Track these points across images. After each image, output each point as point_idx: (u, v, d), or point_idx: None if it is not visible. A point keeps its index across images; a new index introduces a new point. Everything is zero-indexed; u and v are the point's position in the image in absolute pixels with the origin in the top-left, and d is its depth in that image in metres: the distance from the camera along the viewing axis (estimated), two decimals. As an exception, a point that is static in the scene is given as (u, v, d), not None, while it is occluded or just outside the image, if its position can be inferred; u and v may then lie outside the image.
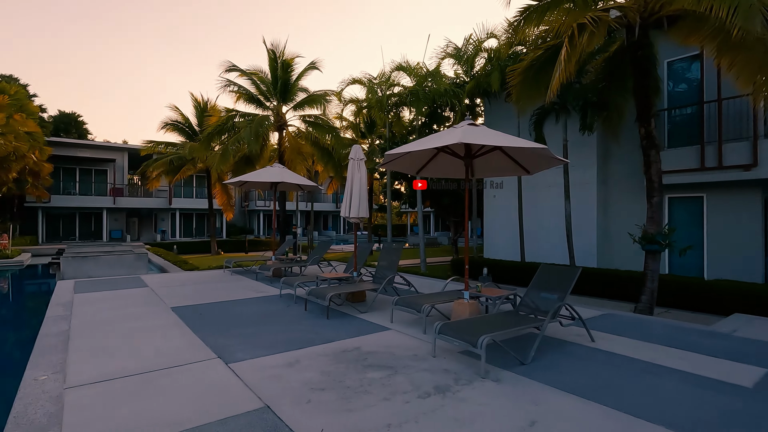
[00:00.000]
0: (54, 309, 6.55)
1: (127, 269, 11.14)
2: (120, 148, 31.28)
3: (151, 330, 5.32)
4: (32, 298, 11.04)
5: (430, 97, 10.76)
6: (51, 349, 4.55)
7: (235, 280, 9.59)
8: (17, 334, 7.80)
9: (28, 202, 26.93)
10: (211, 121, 15.97)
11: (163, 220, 33.36)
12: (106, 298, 7.44)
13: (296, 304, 6.88)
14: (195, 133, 20.33)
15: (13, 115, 16.72)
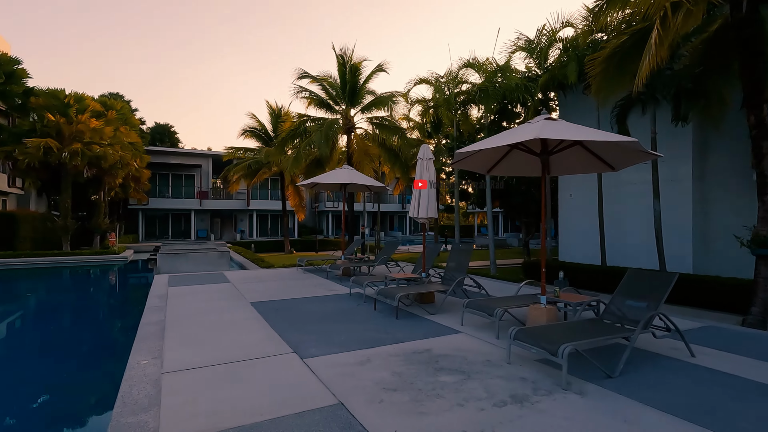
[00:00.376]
0: (152, 300, 7.28)
1: (211, 266, 12.10)
2: (205, 155, 34.12)
3: (233, 323, 5.69)
4: (135, 289, 12.39)
5: (500, 93, 10.36)
6: (150, 337, 5.04)
7: (307, 278, 9.99)
8: (124, 320, 8.79)
9: (131, 205, 30.39)
10: (284, 127, 16.83)
11: (242, 220, 35.84)
12: (194, 291, 8.11)
13: (366, 303, 6.98)
14: (270, 138, 21.56)
15: (119, 128, 18.94)
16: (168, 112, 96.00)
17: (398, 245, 11.19)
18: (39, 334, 7.76)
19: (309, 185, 10.75)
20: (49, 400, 4.91)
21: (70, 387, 5.29)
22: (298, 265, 11.61)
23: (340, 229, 40.59)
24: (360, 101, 15.59)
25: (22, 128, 16.79)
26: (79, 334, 7.79)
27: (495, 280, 9.79)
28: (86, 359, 6.41)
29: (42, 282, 13.62)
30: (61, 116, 16.76)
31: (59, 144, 16.28)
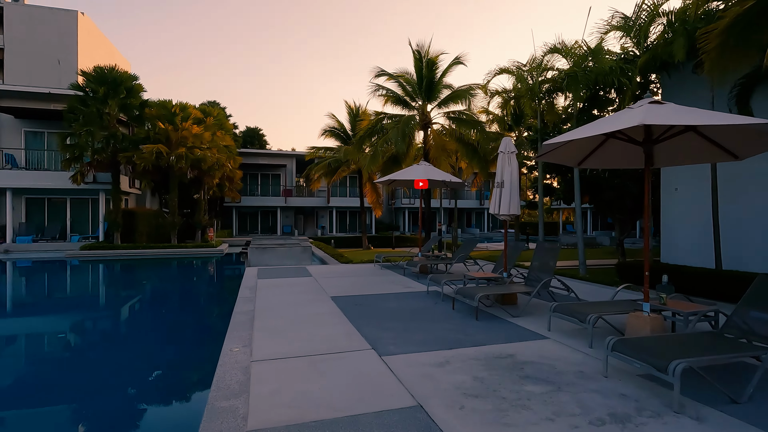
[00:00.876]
0: (243, 291, 7.84)
1: (295, 260, 12.77)
2: (289, 155, 36.22)
3: (315, 316, 5.90)
4: (230, 279, 13.52)
5: (591, 79, 9.44)
6: (241, 326, 5.41)
7: (384, 275, 10.07)
8: (220, 308, 9.63)
9: (226, 203, 33.33)
10: (362, 125, 17.18)
11: (323, 216, 37.48)
12: (280, 284, 8.59)
13: (443, 302, 6.82)
14: (349, 137, 22.18)
15: (216, 133, 20.79)
16: (257, 116, 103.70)
17: (476, 243, 10.81)
18: (152, 316, 8.82)
19: (386, 182, 10.81)
20: (157, 376, 5.51)
21: (174, 364, 5.89)
22: (376, 262, 11.77)
23: (416, 225, 40.62)
24: (437, 96, 15.34)
25: (138, 136, 19.19)
26: (183, 317, 8.68)
27: (585, 282, 9.02)
28: (189, 340, 7.09)
29: (154, 271, 15.45)
30: (169, 124, 18.85)
31: (168, 149, 18.32)
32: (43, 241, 20.12)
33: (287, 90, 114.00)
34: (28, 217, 21.01)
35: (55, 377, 5.43)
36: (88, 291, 12.21)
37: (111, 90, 17.75)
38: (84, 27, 32.39)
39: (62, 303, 10.37)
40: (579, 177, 10.45)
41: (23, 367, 5.98)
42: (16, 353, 6.67)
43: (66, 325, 8.36)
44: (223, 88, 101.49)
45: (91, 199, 21.56)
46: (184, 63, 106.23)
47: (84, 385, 5.13)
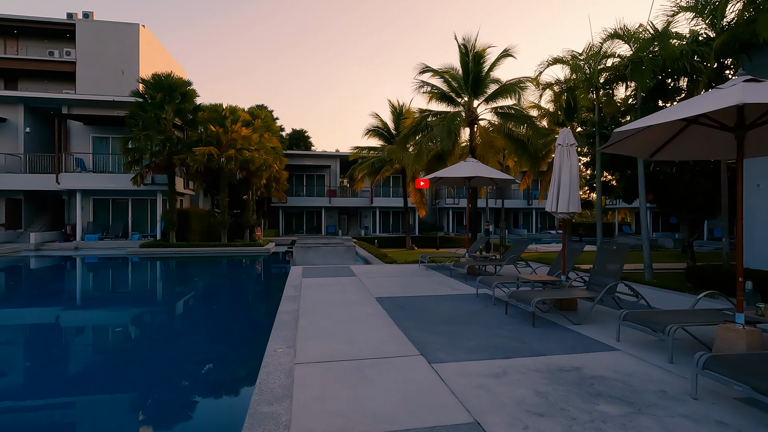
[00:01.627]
0: (288, 290, 7.81)
1: (339, 259, 12.73)
2: (333, 156, 36.65)
3: (359, 317, 5.70)
4: (276, 278, 13.72)
5: (659, 64, 8.58)
6: (285, 325, 5.30)
7: (430, 275, 9.74)
8: (266, 306, 9.72)
9: (273, 203, 34.25)
10: (406, 123, 16.92)
11: (366, 217, 37.61)
12: (324, 284, 8.50)
13: (495, 305, 6.41)
14: (392, 136, 22.01)
15: (263, 135, 21.34)
16: (303, 119, 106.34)
17: (527, 244, 10.21)
18: (199, 313, 9.02)
19: (433, 180, 10.48)
20: (201, 375, 5.53)
21: (219, 362, 5.90)
22: (421, 262, 11.46)
23: (460, 225, 39.77)
24: (483, 91, 14.79)
25: (192, 139, 20.07)
26: (230, 315, 8.80)
27: (653, 287, 8.22)
28: (235, 338, 7.13)
29: (204, 269, 16.01)
30: (219, 127, 19.55)
31: (218, 151, 19.00)
32: (108, 239, 21.55)
33: (332, 92, 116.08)
34: (95, 217, 22.58)
35: (98, 371, 5.60)
36: (143, 287, 12.82)
37: (167, 95, 18.66)
38: (145, 39, 34.50)
39: (117, 298, 10.90)
40: (644, 172, 9.57)
41: (53, 358, 6.25)
42: (56, 344, 7.02)
43: (117, 320, 8.69)
44: (271, 93, 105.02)
45: (150, 199, 22.82)
46: (234, 70, 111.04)
47: (125, 383, 5.23)
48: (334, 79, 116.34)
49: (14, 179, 20.95)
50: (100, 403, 4.65)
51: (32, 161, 21.91)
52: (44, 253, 19.13)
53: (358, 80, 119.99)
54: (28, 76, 33.52)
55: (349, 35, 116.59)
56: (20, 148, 22.07)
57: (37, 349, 6.60)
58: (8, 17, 32.64)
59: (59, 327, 8.11)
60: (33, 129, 22.82)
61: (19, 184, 21.01)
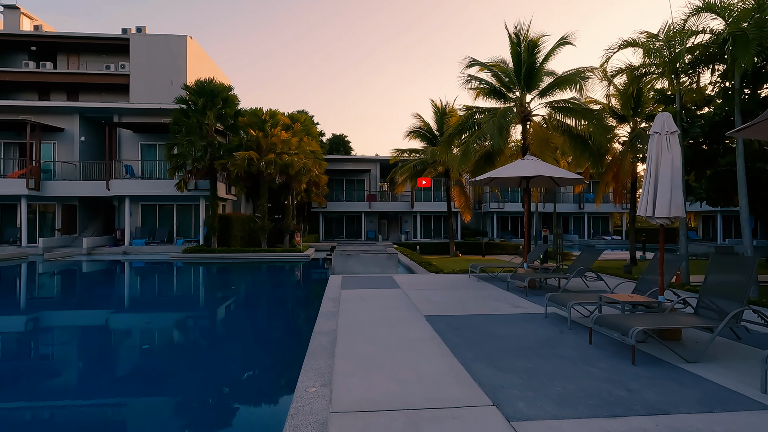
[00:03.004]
0: (326, 304, 7.00)
1: (381, 268, 11.89)
2: (373, 160, 36.07)
3: (407, 342, 4.77)
4: (314, 285, 13.07)
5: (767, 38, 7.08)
6: (321, 351, 4.46)
7: (482, 288, 8.65)
8: (300, 321, 9.01)
9: (313, 208, 34.09)
10: (451, 122, 15.89)
11: (406, 221, 36.69)
12: (365, 296, 7.64)
13: (572, 331, 5.27)
14: (435, 137, 21.00)
15: (303, 138, 20.99)
16: (343, 124, 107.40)
17: (598, 253, 8.88)
18: (229, 329, 8.38)
19: (485, 181, 9.40)
20: (227, 393, 4.79)
21: (242, 397, 5.15)
22: (471, 272, 10.36)
23: (505, 231, 37.89)
24: (537, 84, 13.50)
25: (232, 144, 20.04)
26: (260, 331, 8.10)
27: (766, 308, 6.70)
28: (263, 362, 6.40)
29: (242, 276, 15.69)
30: (259, 131, 19.38)
31: (258, 155, 18.80)
32: (154, 243, 21.96)
33: (372, 97, 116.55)
34: (143, 222, 23.13)
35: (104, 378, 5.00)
36: (177, 295, 12.55)
37: (209, 101, 18.71)
38: (192, 50, 35.58)
39: (147, 304, 10.61)
40: (744, 168, 7.99)
41: (81, 358, 5.73)
42: (88, 346, 6.56)
43: (136, 327, 8.31)
44: (311, 99, 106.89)
45: (194, 205, 23.11)
46: (274, 77, 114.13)
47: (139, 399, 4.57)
48: (375, 84, 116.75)
49: (69, 186, 21.83)
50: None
51: (86, 169, 22.80)
52: (94, 257, 19.67)
53: (398, 84, 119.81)
54: (88, 90, 35.39)
55: (388, 40, 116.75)
56: (75, 156, 23.03)
57: (66, 353, 6.34)
58: (72, 35, 34.71)
59: (91, 329, 7.94)
60: (87, 138, 23.80)
61: (73, 190, 21.87)
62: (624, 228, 38.79)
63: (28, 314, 9.53)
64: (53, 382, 5.36)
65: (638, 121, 17.18)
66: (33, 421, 4.36)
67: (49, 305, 10.56)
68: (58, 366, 6.10)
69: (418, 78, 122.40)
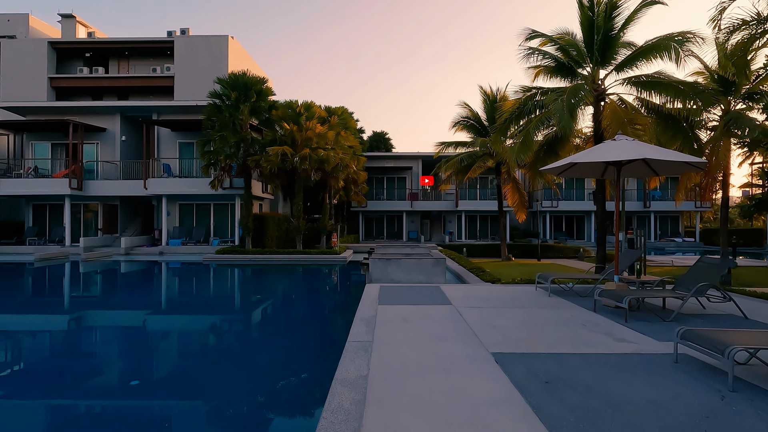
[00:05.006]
0: (357, 328, 5.37)
1: (426, 275, 10.14)
2: (415, 157, 34.30)
3: (478, 413, 3.02)
4: (346, 299, 11.55)
5: None
6: (340, 426, 2.82)
7: (559, 307, 6.71)
8: (331, 336, 7.47)
9: (353, 207, 32.85)
10: (505, 107, 13.81)
11: (450, 221, 34.60)
12: (408, 318, 5.94)
13: (737, 393, 3.30)
14: (484, 128, 18.92)
15: (340, 132, 19.62)
16: (383, 121, 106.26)
17: (726, 265, 6.66)
18: (248, 338, 6.96)
19: (558, 170, 7.42)
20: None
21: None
22: (538, 283, 8.39)
23: (558, 231, 34.80)
24: (614, 57, 11.23)
25: (266, 139, 19.00)
26: (268, 371, 6.60)
27: None
28: (279, 392, 4.86)
29: (270, 281, 14.47)
30: (294, 124, 18.20)
31: (293, 150, 17.60)
32: (190, 244, 21.43)
33: (413, 94, 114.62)
34: (181, 222, 22.74)
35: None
36: (196, 299, 11.45)
37: (242, 94, 17.75)
38: (233, 49, 35.46)
39: (167, 307, 9.50)
40: None
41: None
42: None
43: (158, 329, 7.08)
44: (351, 97, 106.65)
45: (230, 204, 22.42)
46: (315, 76, 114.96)
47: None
48: (417, 81, 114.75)
49: (109, 185, 21.77)
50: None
51: (126, 168, 22.71)
52: (132, 257, 19.32)
53: (440, 81, 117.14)
54: (136, 92, 36.18)
55: (431, 35, 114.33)
56: (117, 155, 23.03)
57: (91, 355, 6.30)
58: (122, 40, 35.64)
59: (108, 332, 7.71)
60: (128, 137, 23.76)
61: (113, 190, 21.79)
62: (697, 229, 34.53)
63: (46, 316, 8.95)
64: (75, 382, 5.25)
65: (729, 101, 14.28)
66: (70, 417, 4.33)
67: (67, 308, 9.80)
68: (82, 366, 5.90)
69: (460, 75, 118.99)
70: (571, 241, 32.53)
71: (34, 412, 4.39)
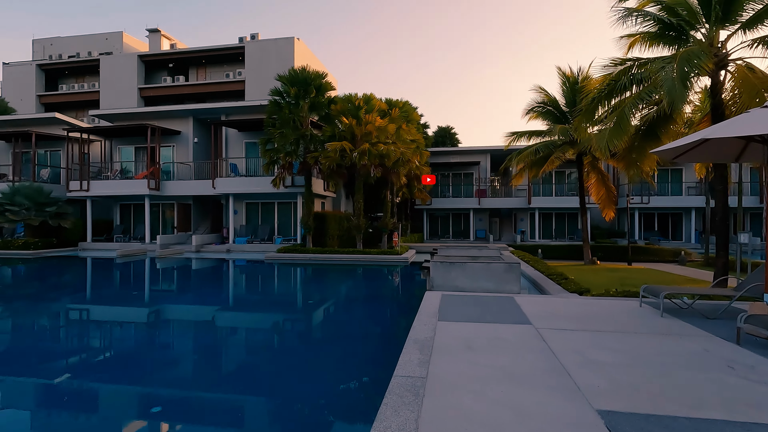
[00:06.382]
0: (409, 354, 4.24)
1: (496, 282, 8.69)
2: (483, 151, 32.27)
3: None
4: (403, 305, 10.45)
5: None
6: None
7: (682, 334, 5.01)
8: (392, 331, 6.39)
9: (417, 205, 31.70)
10: (590, 87, 11.78)
11: (522, 219, 32.08)
12: (474, 343, 4.68)
13: None
14: (563, 114, 16.74)
15: (401, 125, 18.56)
16: (448, 117, 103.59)
17: None
18: (283, 346, 6.11)
19: (682, 149, 5.67)
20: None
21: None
22: (643, 297, 6.62)
23: (649, 231, 30.68)
24: (740, 12, 8.89)
25: (326, 135, 18.50)
26: (318, 369, 5.65)
27: None
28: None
29: (324, 283, 13.79)
30: (353, 118, 17.47)
31: (352, 146, 16.87)
32: (256, 242, 21.69)
33: (480, 88, 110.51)
34: (247, 220, 23.20)
35: None
36: (256, 298, 11.02)
37: (301, 90, 17.39)
38: (299, 50, 35.99)
39: (223, 304, 9.07)
40: None
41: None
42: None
43: (212, 326, 6.54)
44: (417, 94, 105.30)
45: (293, 202, 22.41)
46: (379, 74, 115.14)
47: None
48: (483, 72, 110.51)
49: (182, 185, 22.76)
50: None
51: (198, 168, 23.64)
52: (201, 255, 19.93)
53: (507, 74, 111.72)
54: (212, 98, 38.20)
55: (497, 27, 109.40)
56: (190, 156, 24.07)
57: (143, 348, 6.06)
58: (198, 49, 37.87)
59: (159, 325, 7.89)
60: (200, 139, 24.76)
61: (186, 189, 22.75)
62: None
63: (108, 309, 9.42)
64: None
65: None
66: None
67: (134, 304, 10.03)
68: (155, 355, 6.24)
69: (530, 64, 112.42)
70: (665, 242, 28.49)
71: (120, 395, 4.79)
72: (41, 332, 7.58)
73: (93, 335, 7.57)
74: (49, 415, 4.34)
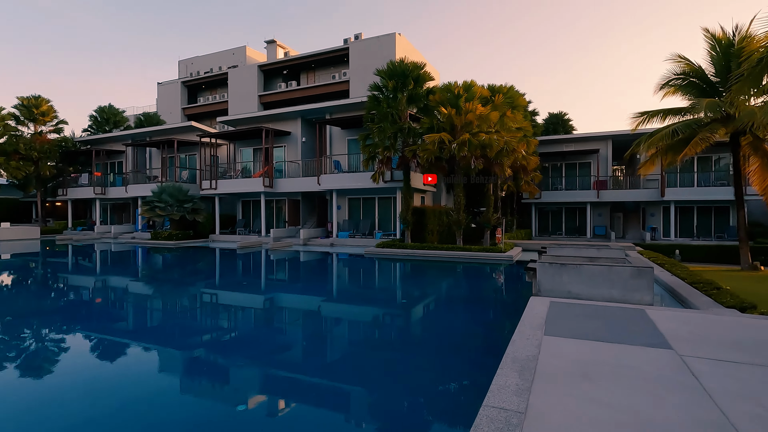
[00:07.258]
0: (504, 377, 3.50)
1: (620, 288, 7.25)
2: (603, 137, 28.61)
3: None
4: (508, 306, 9.42)
5: None
6: None
7: None
8: (489, 342, 5.64)
9: (524, 199, 29.45)
10: (753, 45, 9.24)
11: (652, 215, 27.63)
12: (592, 370, 3.72)
13: None
14: (711, 86, 13.65)
15: (505, 113, 17.15)
16: (561, 102, 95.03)
17: None
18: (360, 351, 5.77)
19: None
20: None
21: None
22: None
23: (839, 230, 23.90)
24: None
25: (424, 127, 17.95)
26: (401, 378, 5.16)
27: None
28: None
29: (416, 281, 13.24)
30: (452, 108, 16.62)
31: (451, 137, 16.07)
32: (358, 236, 22.22)
33: (595, 68, 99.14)
34: (350, 215, 23.90)
35: None
36: (352, 291, 10.99)
37: (399, 82, 17.11)
38: (400, 45, 36.02)
39: (318, 294, 9.18)
40: None
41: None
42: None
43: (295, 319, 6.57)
44: (525, 80, 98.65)
45: (393, 197, 22.41)
46: (484, 62, 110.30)
47: None
48: (599, 51, 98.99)
49: (291, 183, 24.34)
50: None
51: (306, 166, 25.06)
52: (308, 248, 21.05)
53: (629, 48, 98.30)
54: (319, 99, 40.43)
55: (614, 5, 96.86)
56: (298, 155, 25.63)
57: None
58: (308, 55, 40.36)
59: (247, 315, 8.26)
60: (307, 138, 26.21)
61: (295, 186, 24.28)
62: None
63: (232, 294, 10.93)
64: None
65: None
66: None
67: (251, 290, 11.25)
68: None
69: (657, 41, 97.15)
70: None
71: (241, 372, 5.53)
72: (184, 311, 9.14)
73: (221, 317, 8.68)
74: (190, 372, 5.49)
